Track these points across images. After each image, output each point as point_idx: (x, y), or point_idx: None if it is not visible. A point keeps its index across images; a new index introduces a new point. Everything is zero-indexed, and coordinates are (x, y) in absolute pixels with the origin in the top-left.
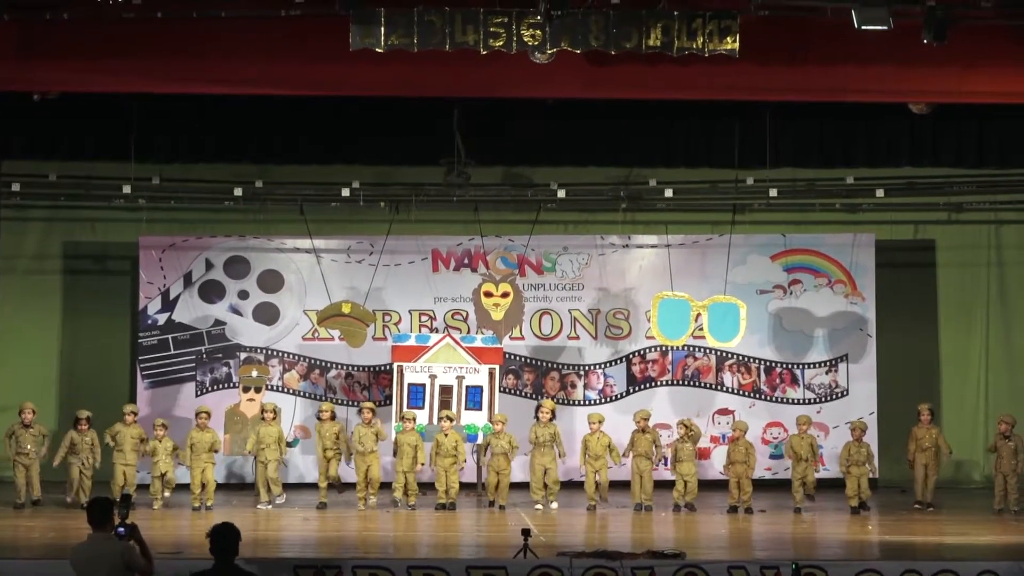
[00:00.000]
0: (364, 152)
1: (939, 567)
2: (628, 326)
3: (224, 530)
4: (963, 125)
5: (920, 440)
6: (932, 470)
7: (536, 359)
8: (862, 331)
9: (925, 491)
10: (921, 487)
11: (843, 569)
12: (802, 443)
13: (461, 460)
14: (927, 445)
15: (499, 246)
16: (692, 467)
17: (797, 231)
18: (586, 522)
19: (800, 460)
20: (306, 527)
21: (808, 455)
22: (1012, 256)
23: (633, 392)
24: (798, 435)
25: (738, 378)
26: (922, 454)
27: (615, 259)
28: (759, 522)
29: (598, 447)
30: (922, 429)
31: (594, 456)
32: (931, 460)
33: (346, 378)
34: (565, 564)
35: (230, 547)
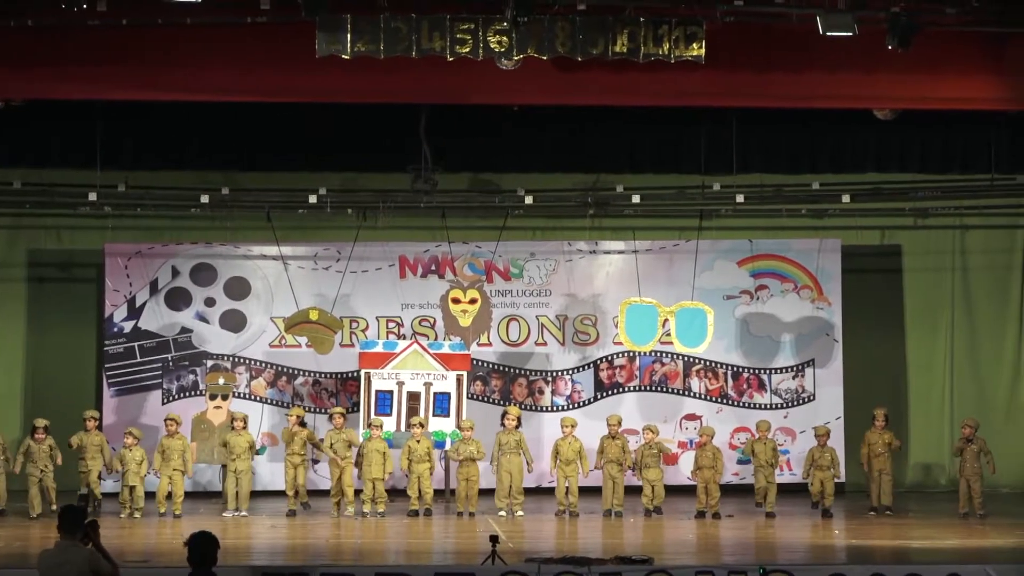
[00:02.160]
0: (331, 159)
1: (905, 571)
2: (596, 332)
3: (203, 539)
4: (928, 131)
5: (873, 445)
6: (887, 474)
7: (504, 365)
8: (828, 336)
9: (880, 495)
10: (876, 492)
11: (810, 573)
12: (764, 448)
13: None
14: (880, 450)
15: (466, 252)
16: (658, 472)
17: (764, 237)
18: (555, 528)
19: (762, 465)
20: (274, 535)
21: (771, 460)
22: (977, 261)
23: (601, 398)
24: (759, 440)
25: (705, 383)
26: (876, 459)
27: (582, 265)
28: (727, 527)
29: (570, 452)
30: (875, 433)
31: (565, 461)
32: (885, 464)
33: (313, 385)
34: (533, 570)
35: (208, 556)
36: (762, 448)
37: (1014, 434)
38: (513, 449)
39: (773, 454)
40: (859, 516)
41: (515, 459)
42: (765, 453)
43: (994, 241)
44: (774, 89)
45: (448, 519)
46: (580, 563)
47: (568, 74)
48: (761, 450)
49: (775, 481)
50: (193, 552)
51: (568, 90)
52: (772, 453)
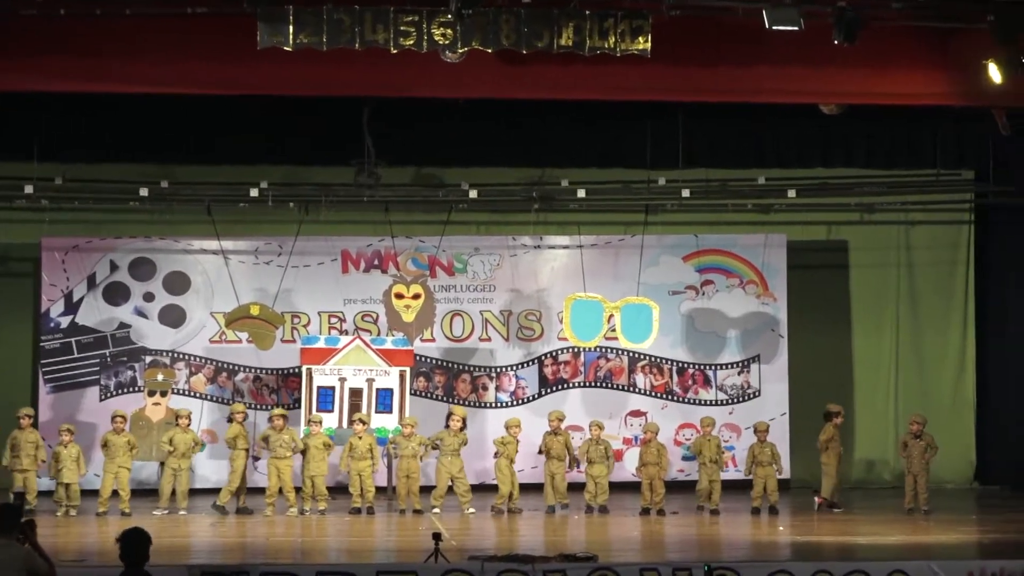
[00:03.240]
0: (273, 152)
1: (850, 567)
2: (540, 327)
3: (134, 536)
4: (874, 126)
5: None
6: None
7: (447, 361)
8: (774, 332)
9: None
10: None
11: (755, 570)
12: (708, 444)
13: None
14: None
15: (410, 247)
16: (603, 468)
17: (709, 232)
18: (497, 525)
19: (705, 463)
20: (213, 533)
21: (715, 457)
22: (922, 257)
23: (545, 394)
24: (703, 436)
25: (650, 379)
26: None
27: (527, 260)
28: (671, 524)
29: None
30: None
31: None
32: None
33: (254, 381)
34: (476, 568)
35: (140, 553)
36: (706, 445)
37: (958, 429)
38: (457, 451)
39: (718, 451)
40: (805, 512)
41: (458, 461)
42: (710, 450)
43: (939, 237)
44: (720, 83)
45: (390, 517)
46: (524, 561)
47: (513, 67)
48: (705, 447)
49: (719, 479)
50: (125, 549)
51: (513, 84)
52: (717, 450)
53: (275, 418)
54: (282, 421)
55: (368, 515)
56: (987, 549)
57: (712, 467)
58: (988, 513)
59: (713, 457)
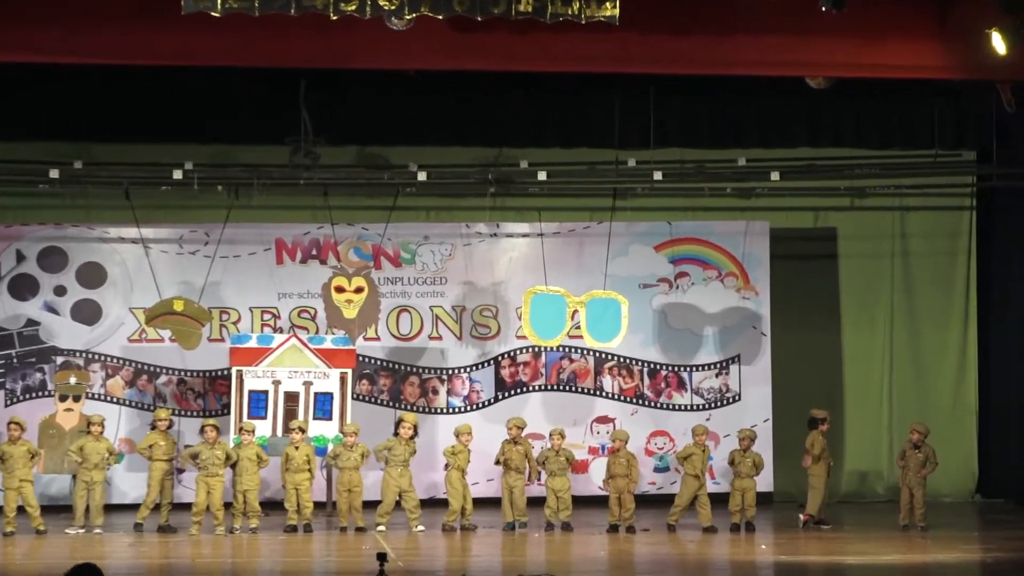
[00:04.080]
0: (199, 129)
1: None
2: (496, 325)
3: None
4: (865, 102)
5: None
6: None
7: (394, 362)
8: (755, 329)
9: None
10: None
11: None
12: (702, 456)
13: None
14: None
15: (352, 235)
16: (565, 481)
17: (684, 218)
18: (449, 544)
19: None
20: (132, 554)
21: (703, 469)
22: (918, 246)
23: (502, 398)
24: (696, 445)
25: (619, 382)
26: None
27: (482, 250)
28: (642, 542)
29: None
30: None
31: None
32: None
33: (178, 385)
34: None
35: None
36: (698, 455)
37: (959, 436)
38: (406, 461)
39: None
40: (789, 529)
41: (407, 473)
42: (702, 462)
43: (938, 224)
44: (695, 54)
45: (330, 535)
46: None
47: (466, 35)
48: (697, 457)
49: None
50: None
51: (466, 54)
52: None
53: (207, 430)
54: (214, 434)
55: (305, 533)
56: (990, 569)
57: (696, 481)
58: (991, 529)
59: (702, 470)
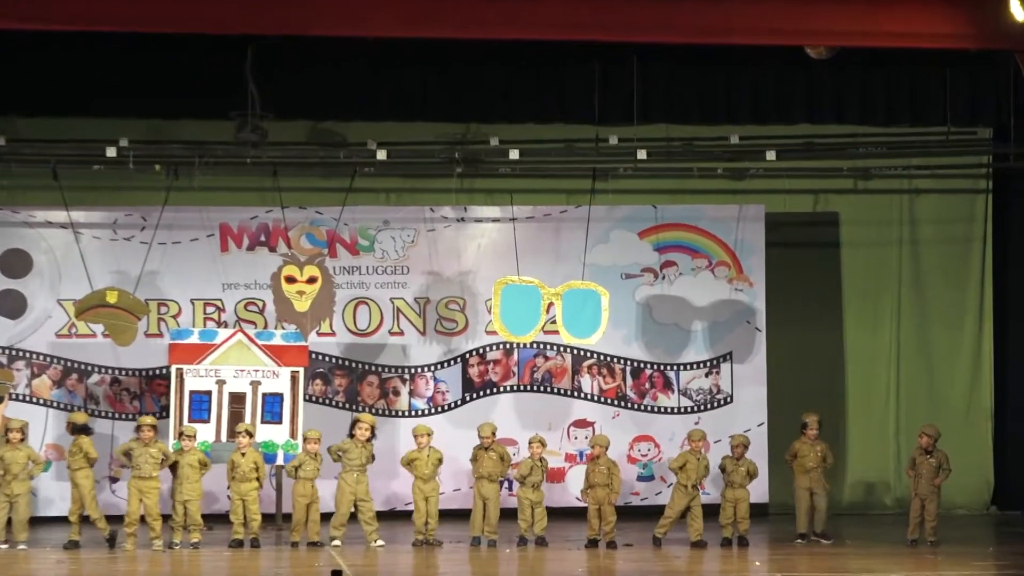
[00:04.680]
0: (135, 103)
1: None
2: (464, 319)
3: None
4: (870, 74)
5: (803, 458)
6: (820, 493)
7: (350, 360)
8: (749, 324)
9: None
10: (805, 516)
11: None
12: (698, 465)
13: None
14: (811, 465)
15: (304, 220)
16: (539, 493)
17: (671, 202)
18: (412, 561)
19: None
20: (60, 571)
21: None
22: (928, 232)
23: (470, 400)
24: (692, 452)
25: (599, 382)
26: (804, 476)
27: (448, 236)
28: (625, 559)
29: (426, 467)
30: (806, 444)
31: (423, 478)
32: (817, 483)
33: (112, 384)
34: None
35: None
36: (693, 463)
37: (973, 443)
38: (363, 466)
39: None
40: (784, 544)
41: (364, 480)
42: (698, 472)
43: (950, 208)
44: (683, 20)
45: (280, 551)
46: None
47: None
48: (692, 465)
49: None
50: None
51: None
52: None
53: (143, 428)
54: (151, 432)
55: (252, 548)
56: None
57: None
58: (1008, 544)
59: (696, 481)
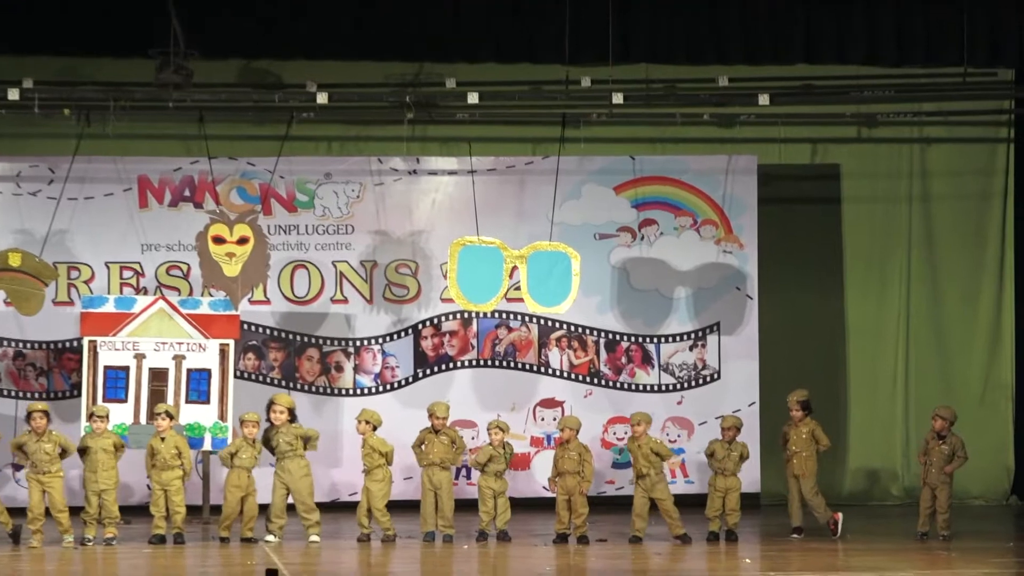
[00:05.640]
0: (40, 39)
1: None
2: (416, 285)
3: None
4: (877, 8)
5: (792, 441)
6: (808, 479)
7: (287, 331)
8: (739, 291)
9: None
10: (798, 508)
11: None
12: (639, 450)
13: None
14: (798, 448)
15: (234, 172)
16: (502, 482)
17: (651, 152)
18: (358, 558)
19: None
20: None
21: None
22: (942, 187)
23: (423, 377)
24: (633, 438)
25: (569, 356)
26: (791, 462)
27: (398, 191)
28: (598, 556)
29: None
30: (792, 427)
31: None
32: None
33: (15, 359)
34: None
35: None
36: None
37: (991, 426)
38: (290, 452)
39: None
40: (779, 539)
41: (299, 466)
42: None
43: (966, 160)
44: None
45: (207, 547)
46: None
47: None
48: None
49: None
50: None
51: None
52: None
53: (33, 416)
54: (44, 422)
55: (176, 545)
56: None
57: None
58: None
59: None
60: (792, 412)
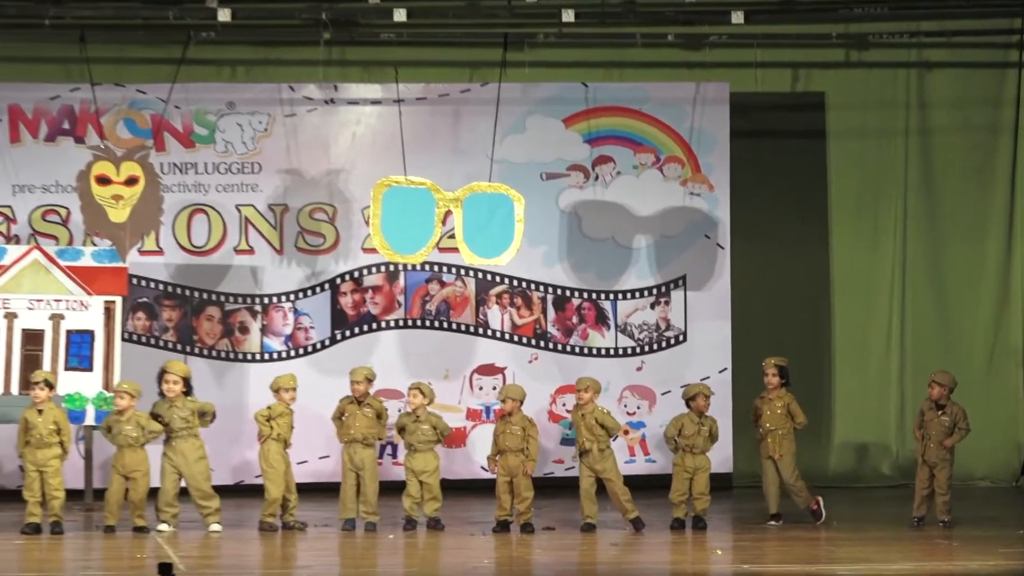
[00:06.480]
0: None
1: None
2: (334, 232)
3: None
4: None
5: (765, 418)
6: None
7: (184, 287)
8: (709, 239)
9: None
10: (771, 492)
11: None
12: (582, 421)
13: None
14: (772, 426)
15: (122, 101)
16: (432, 459)
17: (607, 79)
18: (264, 551)
19: (584, 451)
20: None
21: (591, 442)
22: (942, 119)
23: (342, 339)
24: (578, 407)
25: (511, 316)
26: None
27: (313, 123)
28: (544, 547)
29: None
30: (764, 401)
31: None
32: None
33: None
34: None
35: None
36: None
37: (999, 396)
38: (184, 429)
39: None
40: (754, 527)
41: (189, 446)
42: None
43: (970, 87)
44: None
45: (90, 537)
46: None
47: None
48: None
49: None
50: None
51: None
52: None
53: None
54: None
55: (54, 535)
56: None
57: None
58: None
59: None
60: (768, 379)
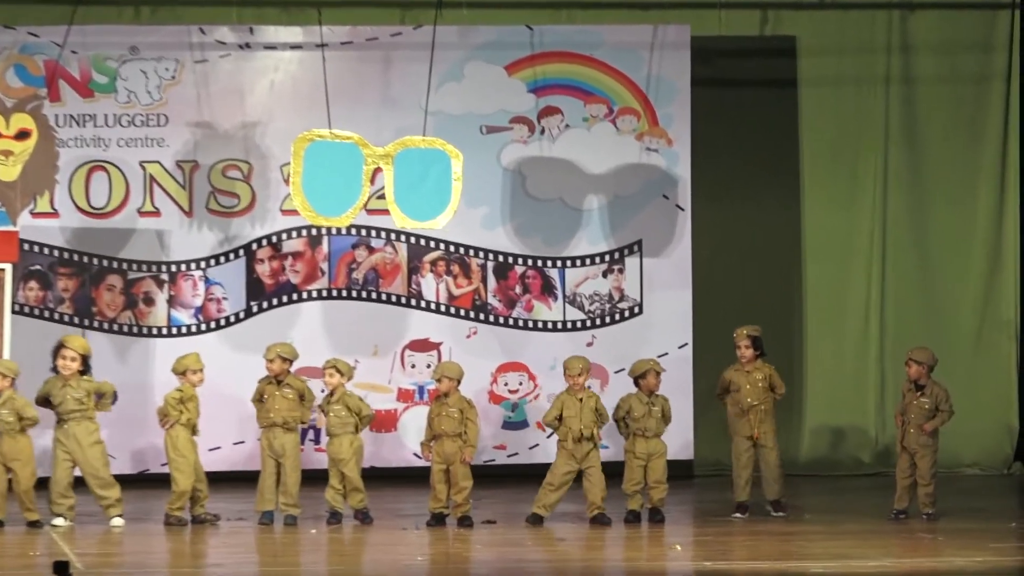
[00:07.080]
0: None
1: None
2: (249, 192)
3: None
4: None
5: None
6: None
7: (81, 253)
8: (667, 200)
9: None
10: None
11: None
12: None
13: None
14: (751, 400)
15: (11, 45)
16: (348, 446)
17: (553, 21)
18: (171, 547)
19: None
20: None
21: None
22: (927, 66)
23: (258, 312)
24: (569, 393)
25: (448, 285)
26: (743, 418)
27: (226, 70)
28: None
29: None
30: (740, 373)
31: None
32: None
33: None
34: None
35: None
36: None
37: (989, 375)
38: (77, 411)
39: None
40: (717, 519)
41: (82, 430)
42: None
43: (958, 30)
44: None
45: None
46: None
47: None
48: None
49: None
50: None
51: None
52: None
53: None
54: None
55: None
56: None
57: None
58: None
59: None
60: (741, 351)
